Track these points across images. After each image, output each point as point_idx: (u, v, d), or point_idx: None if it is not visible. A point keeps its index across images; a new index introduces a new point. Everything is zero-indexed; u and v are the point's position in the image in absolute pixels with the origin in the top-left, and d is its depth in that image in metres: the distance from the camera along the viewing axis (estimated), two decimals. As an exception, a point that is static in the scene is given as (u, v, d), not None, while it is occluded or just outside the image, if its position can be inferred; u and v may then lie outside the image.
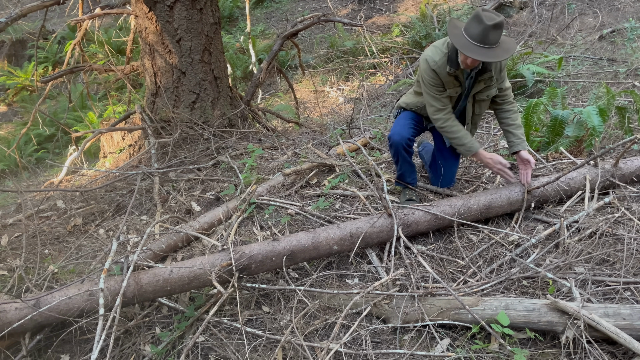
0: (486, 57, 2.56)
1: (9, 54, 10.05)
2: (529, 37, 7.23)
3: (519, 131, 2.92)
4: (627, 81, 5.04)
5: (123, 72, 5.09)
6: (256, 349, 2.31)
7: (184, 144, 4.34)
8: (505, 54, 2.59)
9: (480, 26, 2.51)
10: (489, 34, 2.51)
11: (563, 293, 2.32)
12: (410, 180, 3.16)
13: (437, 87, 2.82)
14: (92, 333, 2.31)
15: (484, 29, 2.50)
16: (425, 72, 2.81)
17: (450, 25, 2.69)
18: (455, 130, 2.88)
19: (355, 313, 2.43)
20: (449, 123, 2.88)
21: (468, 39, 2.56)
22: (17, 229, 3.55)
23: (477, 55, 2.54)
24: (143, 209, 3.65)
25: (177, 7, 4.18)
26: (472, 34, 2.55)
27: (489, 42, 2.53)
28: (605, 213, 2.85)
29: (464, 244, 2.82)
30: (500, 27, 2.52)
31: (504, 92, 2.93)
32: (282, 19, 10.12)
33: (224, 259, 2.45)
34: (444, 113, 2.87)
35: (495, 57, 2.57)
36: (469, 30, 2.57)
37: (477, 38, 2.53)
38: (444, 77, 2.79)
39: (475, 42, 2.54)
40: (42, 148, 7.31)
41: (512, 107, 2.95)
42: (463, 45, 2.56)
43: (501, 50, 2.58)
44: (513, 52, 2.62)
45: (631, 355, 1.96)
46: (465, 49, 2.56)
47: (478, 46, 2.54)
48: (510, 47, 2.61)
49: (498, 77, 2.85)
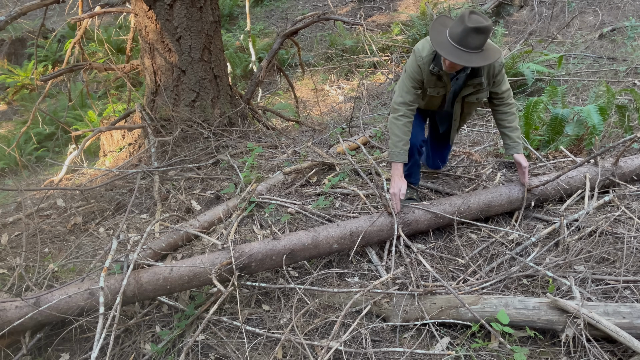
0: (459, 60, 2.39)
1: (8, 53, 10.04)
2: (529, 35, 7.22)
3: (514, 134, 2.82)
4: (627, 80, 5.04)
5: (123, 71, 5.09)
6: (256, 347, 2.32)
7: (184, 142, 4.34)
8: (482, 61, 2.41)
9: (461, 27, 2.36)
10: (469, 36, 2.35)
11: (563, 292, 2.33)
12: (414, 180, 3.13)
13: (415, 81, 2.68)
14: (92, 331, 2.31)
15: (464, 31, 2.35)
16: (410, 63, 2.68)
17: (438, 22, 2.55)
18: (400, 131, 2.70)
19: (355, 311, 2.43)
20: (402, 122, 2.70)
21: (447, 38, 2.42)
22: (17, 228, 3.55)
23: (449, 55, 2.39)
24: (143, 208, 3.65)
25: (177, 5, 4.18)
26: (452, 34, 2.41)
27: (468, 45, 2.37)
28: (605, 212, 2.85)
29: (464, 243, 2.82)
30: (483, 31, 2.35)
31: (500, 95, 2.79)
32: (282, 17, 10.11)
33: (224, 258, 2.45)
34: (407, 109, 2.71)
35: (472, 62, 2.40)
36: (451, 30, 2.43)
37: (456, 39, 2.39)
38: (427, 76, 2.65)
39: (454, 42, 2.40)
40: (42, 147, 7.31)
41: (509, 109, 2.82)
42: (439, 43, 2.43)
43: (479, 56, 2.41)
44: (493, 60, 2.44)
45: (631, 354, 1.97)
46: (439, 47, 2.42)
47: (455, 47, 2.39)
48: (490, 56, 2.43)
49: (491, 82, 2.73)
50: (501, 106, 2.83)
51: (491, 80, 2.72)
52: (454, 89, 2.79)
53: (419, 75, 2.65)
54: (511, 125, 2.82)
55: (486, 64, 2.46)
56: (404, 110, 2.71)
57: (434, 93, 2.76)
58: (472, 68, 2.62)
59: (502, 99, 2.81)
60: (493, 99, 2.83)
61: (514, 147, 2.82)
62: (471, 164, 3.64)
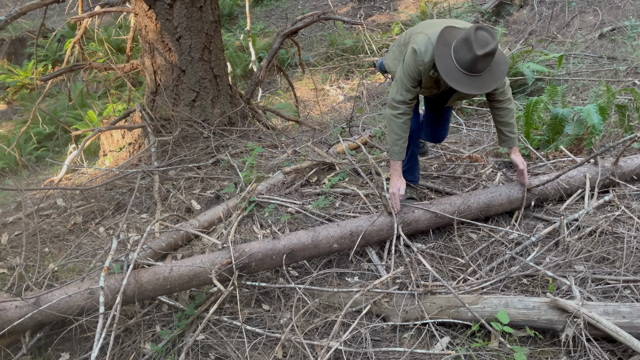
0: (472, 89, 2.35)
1: (8, 52, 10.04)
2: (529, 35, 7.22)
3: (507, 128, 2.77)
4: (627, 79, 5.04)
5: (123, 71, 5.09)
6: (256, 347, 2.32)
7: (184, 142, 4.34)
8: (493, 83, 2.38)
9: (470, 54, 2.27)
10: (478, 63, 2.28)
11: (563, 291, 2.33)
12: (412, 178, 3.12)
13: (414, 81, 2.61)
14: (92, 331, 2.31)
15: (474, 59, 2.27)
16: (410, 63, 2.57)
17: (440, 41, 2.40)
18: (400, 129, 2.68)
19: (355, 311, 2.43)
20: (402, 120, 2.67)
21: (455, 64, 2.33)
22: (17, 227, 3.55)
23: (462, 86, 2.33)
24: (143, 207, 3.65)
25: (177, 5, 4.17)
26: (460, 60, 2.31)
27: (478, 70, 2.31)
28: (605, 211, 2.85)
29: (464, 242, 2.82)
30: (492, 54, 2.28)
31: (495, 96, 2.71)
32: (282, 17, 10.11)
33: (224, 258, 2.45)
34: (407, 107, 2.66)
35: (482, 88, 2.37)
36: (457, 53, 2.32)
37: (465, 66, 2.31)
38: (425, 77, 2.58)
39: (463, 70, 2.32)
40: (42, 146, 7.31)
41: (505, 104, 2.73)
42: (448, 73, 2.34)
43: (489, 77, 2.37)
44: (502, 79, 2.42)
45: (631, 354, 1.97)
46: (449, 78, 2.34)
47: (464, 74, 2.32)
48: (499, 74, 2.40)
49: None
50: (496, 102, 2.76)
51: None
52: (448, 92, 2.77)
53: (419, 76, 2.60)
54: (504, 120, 2.76)
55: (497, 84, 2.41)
56: (403, 109, 2.66)
57: (427, 93, 2.76)
58: None
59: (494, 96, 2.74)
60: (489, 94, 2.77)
61: (505, 141, 2.79)
62: (471, 163, 3.64)
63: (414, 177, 3.14)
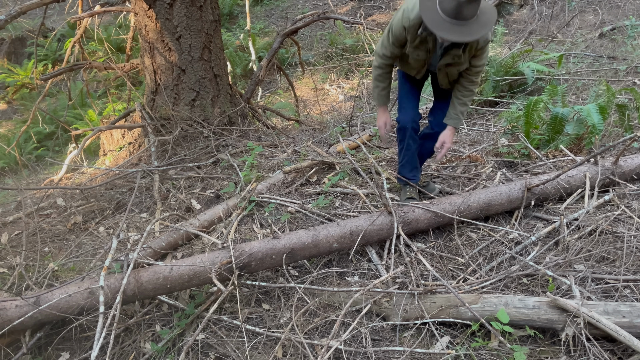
0: (460, 37, 2.33)
1: (8, 52, 10.03)
2: (529, 34, 7.22)
3: (461, 108, 2.81)
4: (627, 79, 5.04)
5: (123, 70, 5.09)
6: (256, 346, 2.32)
7: (184, 141, 4.34)
8: (481, 29, 2.34)
9: (454, 1, 2.26)
10: (464, 9, 2.27)
11: (563, 291, 2.33)
12: (411, 175, 3.09)
13: (397, 40, 2.65)
14: (92, 331, 2.31)
15: (458, 4, 2.26)
16: (396, 22, 2.60)
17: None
18: (376, 80, 2.86)
19: (355, 311, 2.43)
20: (379, 72, 2.83)
21: (440, 13, 2.32)
22: (17, 227, 3.55)
23: (448, 34, 2.31)
24: (143, 207, 3.65)
25: (177, 4, 4.17)
26: (445, 9, 2.31)
27: (464, 16, 2.29)
28: (605, 211, 2.85)
29: (464, 242, 2.82)
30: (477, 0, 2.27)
31: (471, 67, 2.71)
32: (282, 16, 10.11)
33: (224, 257, 2.45)
34: (384, 62, 2.78)
35: (470, 35, 2.34)
36: (442, 3, 2.32)
37: (451, 13, 2.29)
38: (411, 37, 2.59)
39: (449, 17, 2.30)
40: (42, 146, 7.31)
41: (469, 85, 2.77)
42: (434, 22, 2.32)
43: (477, 25, 2.34)
44: (492, 25, 2.37)
45: (631, 353, 1.97)
46: (435, 27, 2.32)
47: (451, 22, 2.31)
48: (488, 20, 2.36)
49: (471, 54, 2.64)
50: (465, 80, 2.77)
51: (472, 54, 2.64)
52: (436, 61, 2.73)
53: (402, 37, 2.62)
54: (462, 99, 2.81)
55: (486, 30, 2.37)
56: (379, 62, 2.80)
57: (414, 56, 2.71)
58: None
59: (469, 72, 2.74)
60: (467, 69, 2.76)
61: (452, 118, 2.84)
62: (471, 163, 3.64)
63: (412, 175, 3.09)
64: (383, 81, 2.87)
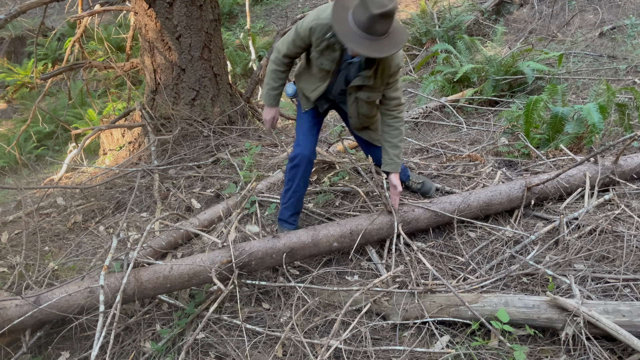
0: (369, 51, 2.23)
1: (8, 51, 10.03)
2: (529, 33, 7.22)
3: (394, 151, 2.64)
4: (627, 78, 5.04)
5: (123, 69, 5.09)
6: (256, 345, 2.32)
7: (184, 141, 4.34)
8: (392, 48, 2.26)
9: (366, 13, 2.16)
10: (375, 23, 2.17)
11: (563, 290, 2.33)
12: (291, 220, 2.87)
13: (301, 41, 2.51)
14: (93, 330, 2.31)
15: (370, 18, 2.16)
16: (304, 22, 2.46)
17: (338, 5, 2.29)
18: (269, 77, 2.68)
19: (355, 310, 2.43)
20: (273, 68, 2.65)
21: (352, 25, 2.23)
22: (17, 226, 3.55)
23: (358, 47, 2.21)
24: (143, 206, 3.65)
25: (177, 4, 4.17)
26: (358, 21, 2.21)
27: (375, 32, 2.20)
28: (605, 210, 2.85)
29: (464, 241, 2.82)
30: (389, 15, 2.17)
31: (388, 101, 2.59)
32: (282, 15, 10.10)
33: (224, 256, 2.45)
34: (282, 60, 2.61)
35: (379, 51, 2.24)
36: (355, 15, 2.22)
37: (362, 26, 2.19)
38: (316, 40, 2.45)
39: (360, 30, 2.20)
40: (42, 145, 7.31)
41: (395, 122, 2.61)
42: (345, 33, 2.22)
43: (389, 42, 2.25)
44: (401, 46, 2.28)
45: (630, 352, 1.97)
46: (345, 38, 2.22)
47: (361, 36, 2.21)
48: (400, 40, 2.27)
49: (384, 82, 2.52)
50: (386, 117, 2.64)
51: (384, 80, 2.52)
52: (345, 75, 2.57)
53: (307, 39, 2.48)
54: (392, 141, 2.64)
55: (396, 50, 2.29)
56: (276, 57, 2.63)
57: (318, 64, 2.55)
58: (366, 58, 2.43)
59: (388, 106, 2.61)
60: (382, 103, 2.64)
61: (388, 165, 2.67)
62: (470, 162, 3.64)
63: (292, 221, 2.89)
64: (276, 80, 2.68)
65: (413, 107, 5.37)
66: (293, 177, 2.75)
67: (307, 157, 2.72)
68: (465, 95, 5.09)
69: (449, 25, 7.22)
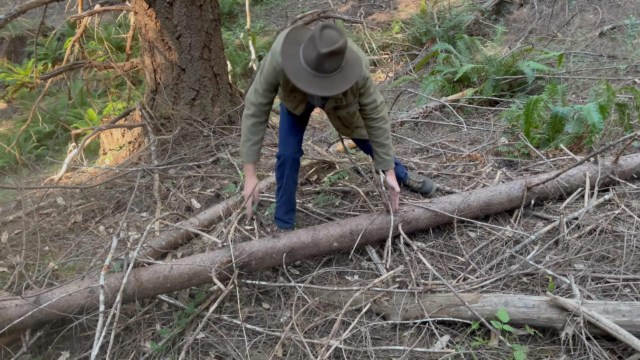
0: (320, 90, 2.16)
1: (8, 51, 10.03)
2: (529, 33, 7.22)
3: (382, 150, 2.62)
4: (627, 78, 5.04)
5: (123, 69, 5.09)
6: (256, 345, 2.32)
7: (184, 140, 4.34)
8: (343, 85, 2.18)
9: (315, 52, 2.09)
10: (325, 62, 2.10)
11: (563, 290, 2.33)
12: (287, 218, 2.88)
13: (269, 85, 2.44)
14: (93, 330, 2.32)
15: (319, 57, 2.09)
16: (266, 65, 2.41)
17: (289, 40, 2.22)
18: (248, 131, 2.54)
19: (355, 310, 2.43)
20: (251, 122, 2.52)
21: (302, 63, 2.16)
22: (17, 226, 3.55)
23: (308, 86, 2.14)
24: (143, 206, 3.65)
25: (177, 3, 4.17)
26: (307, 59, 2.14)
27: (326, 70, 2.13)
28: (605, 210, 2.85)
29: (464, 241, 2.83)
30: (339, 53, 2.10)
31: (364, 107, 2.54)
32: (281, 15, 10.10)
33: (223, 256, 2.45)
34: (258, 110, 2.50)
35: (330, 90, 2.17)
36: (305, 53, 2.15)
37: (311, 64, 2.13)
38: (282, 78, 2.41)
39: (310, 68, 2.14)
40: (42, 145, 7.31)
41: (376, 123, 2.57)
42: (294, 71, 2.15)
43: (340, 78, 2.18)
44: (354, 81, 2.21)
45: (630, 352, 1.97)
46: (295, 77, 2.15)
47: (312, 74, 2.14)
48: (352, 74, 2.21)
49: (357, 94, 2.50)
50: (367, 120, 2.60)
51: (356, 94, 2.50)
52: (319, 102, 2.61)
53: (274, 80, 2.42)
54: (377, 141, 2.62)
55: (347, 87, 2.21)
56: (253, 110, 2.51)
57: (290, 98, 2.57)
58: None
59: (365, 112, 2.57)
60: (360, 109, 2.61)
61: (381, 163, 2.65)
62: (470, 162, 3.64)
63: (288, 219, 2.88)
64: (257, 133, 2.54)
65: (413, 106, 5.37)
66: (281, 175, 2.78)
67: (290, 156, 2.72)
68: (465, 95, 5.09)
69: (449, 25, 7.23)
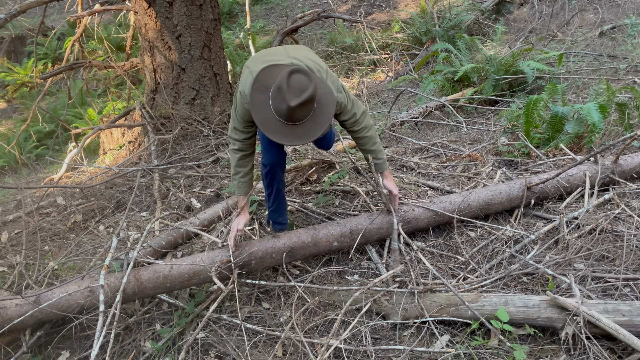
0: (291, 140, 2.13)
1: (8, 51, 10.03)
2: (529, 33, 7.22)
3: (372, 155, 2.58)
4: (627, 77, 5.03)
5: (123, 69, 5.09)
6: (256, 345, 2.32)
7: (184, 140, 4.34)
8: (317, 130, 2.13)
9: (284, 104, 2.03)
10: (295, 113, 2.05)
11: (562, 289, 2.33)
12: (282, 220, 2.88)
13: (246, 122, 2.36)
14: (93, 329, 2.32)
15: (289, 109, 2.03)
16: (237, 105, 2.33)
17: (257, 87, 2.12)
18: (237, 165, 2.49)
19: (355, 309, 2.43)
20: (239, 155, 2.47)
21: (273, 112, 2.09)
22: (17, 226, 3.55)
23: (281, 138, 2.10)
24: (143, 206, 3.65)
25: (177, 3, 4.17)
26: (276, 108, 2.08)
27: (297, 119, 2.08)
28: (605, 209, 2.85)
29: (464, 240, 2.83)
30: (309, 102, 2.04)
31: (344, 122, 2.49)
32: (281, 15, 10.10)
33: (223, 256, 2.45)
34: (242, 144, 2.45)
35: (303, 138, 2.12)
36: (274, 101, 2.08)
37: (282, 115, 2.07)
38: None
39: (281, 118, 2.08)
40: (42, 144, 7.30)
41: (359, 133, 2.52)
42: (266, 123, 2.09)
43: (314, 124, 2.13)
44: (327, 124, 2.16)
45: (630, 352, 1.97)
46: (267, 129, 2.09)
47: (284, 124, 2.09)
48: (325, 117, 2.14)
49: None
50: (350, 132, 2.57)
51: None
52: None
53: (249, 117, 2.33)
54: (364, 148, 2.58)
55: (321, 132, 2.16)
56: (239, 145, 2.46)
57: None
58: None
59: (346, 126, 2.53)
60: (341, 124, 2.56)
61: (373, 165, 2.60)
62: (470, 162, 3.64)
63: (283, 220, 2.88)
64: (245, 165, 2.49)
65: (413, 106, 5.37)
66: (270, 181, 2.74)
67: (277, 163, 2.69)
68: (465, 94, 5.09)
69: (449, 24, 7.22)
